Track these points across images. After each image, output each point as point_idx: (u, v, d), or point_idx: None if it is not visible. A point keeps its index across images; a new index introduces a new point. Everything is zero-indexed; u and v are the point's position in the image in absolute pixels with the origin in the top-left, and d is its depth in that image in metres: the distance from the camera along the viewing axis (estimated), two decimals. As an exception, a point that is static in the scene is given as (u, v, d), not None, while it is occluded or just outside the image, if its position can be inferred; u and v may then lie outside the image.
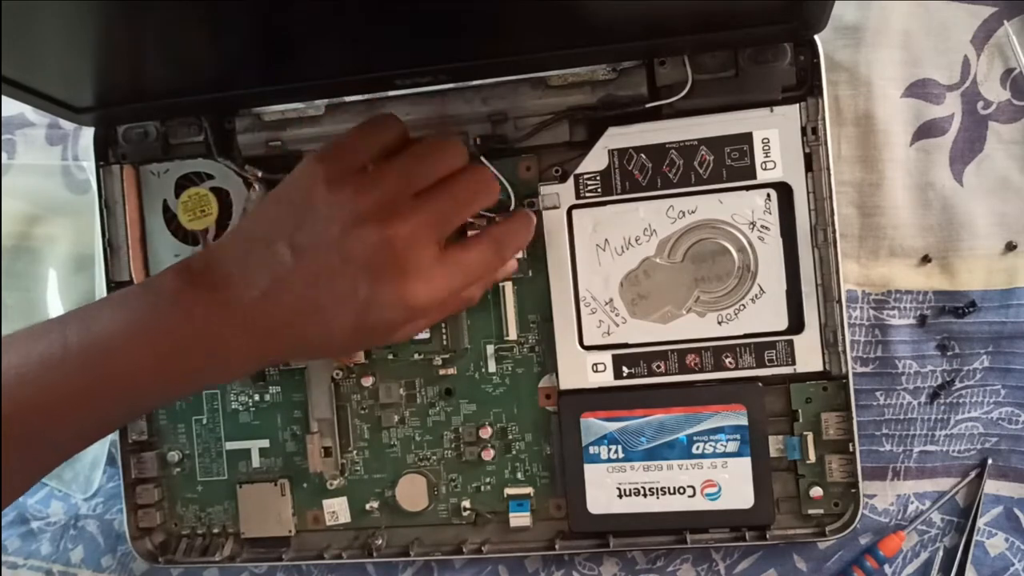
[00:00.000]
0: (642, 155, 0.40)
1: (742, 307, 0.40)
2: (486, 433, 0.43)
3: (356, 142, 0.34)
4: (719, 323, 0.40)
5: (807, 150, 0.39)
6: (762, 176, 0.39)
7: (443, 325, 0.43)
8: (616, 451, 0.41)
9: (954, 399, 0.41)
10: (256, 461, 0.45)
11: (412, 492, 0.44)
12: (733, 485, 0.40)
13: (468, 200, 0.34)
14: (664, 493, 0.41)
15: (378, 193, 0.32)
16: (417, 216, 0.32)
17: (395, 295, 0.32)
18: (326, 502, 0.45)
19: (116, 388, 0.31)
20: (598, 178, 0.41)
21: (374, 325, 0.33)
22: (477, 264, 0.35)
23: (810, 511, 0.40)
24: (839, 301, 0.39)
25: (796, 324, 0.40)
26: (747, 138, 0.40)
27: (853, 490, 0.39)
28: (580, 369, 0.41)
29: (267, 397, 0.45)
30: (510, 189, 0.42)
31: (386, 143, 0.35)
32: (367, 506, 0.44)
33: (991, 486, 0.40)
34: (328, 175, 0.32)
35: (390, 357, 0.44)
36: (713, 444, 0.40)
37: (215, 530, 0.46)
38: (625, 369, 0.41)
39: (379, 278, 0.31)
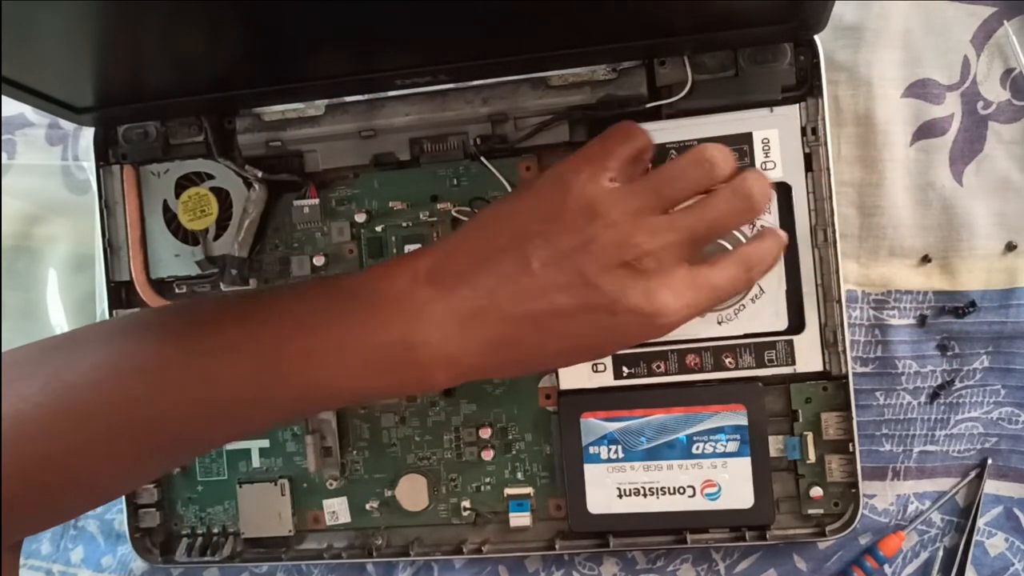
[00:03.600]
0: (642, 155, 0.40)
1: (742, 307, 0.40)
2: (486, 433, 0.43)
3: (601, 152, 0.33)
4: (719, 323, 0.40)
5: (807, 150, 0.39)
6: (762, 176, 0.39)
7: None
8: (616, 451, 0.41)
9: (954, 399, 0.41)
10: (256, 461, 0.45)
11: (412, 492, 0.44)
12: (733, 485, 0.40)
13: (722, 220, 0.32)
14: (664, 493, 0.41)
15: (627, 207, 0.31)
16: (667, 233, 0.31)
17: (642, 305, 0.30)
18: (326, 502, 0.45)
19: (311, 395, 0.31)
20: (598, 178, 0.41)
21: (610, 335, 0.32)
22: (726, 285, 0.33)
23: (810, 511, 0.40)
24: (839, 301, 0.39)
25: (796, 324, 0.40)
26: (747, 138, 0.40)
27: (853, 490, 0.39)
28: (580, 369, 0.41)
29: (267, 397, 0.45)
30: (510, 190, 0.42)
31: (630, 154, 0.33)
32: (367, 506, 0.44)
33: (991, 486, 0.40)
34: (576, 186, 0.31)
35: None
36: (713, 444, 0.40)
37: (215, 530, 0.46)
38: (625, 369, 0.41)
39: (626, 288, 0.30)
